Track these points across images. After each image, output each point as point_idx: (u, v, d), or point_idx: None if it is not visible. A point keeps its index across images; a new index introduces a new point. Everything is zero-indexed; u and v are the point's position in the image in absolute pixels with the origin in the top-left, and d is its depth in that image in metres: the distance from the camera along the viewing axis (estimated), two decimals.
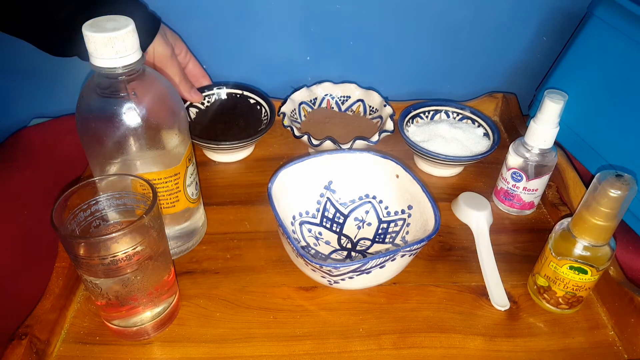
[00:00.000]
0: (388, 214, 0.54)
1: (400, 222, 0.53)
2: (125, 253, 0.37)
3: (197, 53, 0.69)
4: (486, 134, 0.65)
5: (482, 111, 0.69)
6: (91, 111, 0.41)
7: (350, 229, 0.55)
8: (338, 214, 0.55)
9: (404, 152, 0.66)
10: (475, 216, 0.56)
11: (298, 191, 0.53)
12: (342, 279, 0.44)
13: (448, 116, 0.68)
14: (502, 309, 0.48)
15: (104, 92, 0.40)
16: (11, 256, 0.50)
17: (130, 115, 0.40)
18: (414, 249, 0.43)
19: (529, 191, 0.56)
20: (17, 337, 0.40)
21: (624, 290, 0.46)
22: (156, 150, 0.43)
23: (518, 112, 0.72)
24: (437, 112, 0.69)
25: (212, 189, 0.61)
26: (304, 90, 0.68)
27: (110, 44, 0.37)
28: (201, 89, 0.67)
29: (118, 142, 0.41)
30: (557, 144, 0.57)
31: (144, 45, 0.53)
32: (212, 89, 0.68)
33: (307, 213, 0.54)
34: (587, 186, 0.54)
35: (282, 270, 0.51)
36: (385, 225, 0.54)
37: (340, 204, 0.56)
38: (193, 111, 0.67)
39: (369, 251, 0.53)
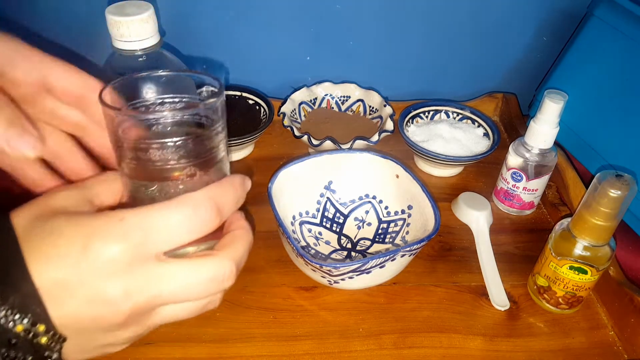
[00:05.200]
0: (388, 214, 0.54)
1: (400, 222, 0.53)
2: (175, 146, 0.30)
3: (196, 53, 0.69)
4: (486, 134, 0.65)
5: (482, 111, 0.69)
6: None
7: (350, 229, 0.55)
8: (338, 214, 0.55)
9: (404, 152, 0.66)
10: (475, 216, 0.56)
11: (298, 191, 0.53)
12: (342, 279, 0.44)
13: (448, 116, 0.68)
14: (502, 309, 0.48)
15: (123, 73, 0.41)
16: None
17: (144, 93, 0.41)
18: (414, 249, 0.43)
19: (529, 191, 0.56)
20: None
21: (624, 290, 0.46)
22: None
23: (518, 112, 0.72)
24: (437, 112, 0.69)
25: None
26: (304, 90, 0.68)
27: (131, 26, 0.40)
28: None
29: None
30: (557, 144, 0.57)
31: None
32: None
33: (307, 213, 0.54)
34: (587, 186, 0.54)
35: (282, 270, 0.51)
36: (385, 225, 0.54)
37: (340, 204, 0.56)
38: None
39: (369, 251, 0.53)
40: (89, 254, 0.25)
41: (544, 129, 0.52)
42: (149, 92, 0.36)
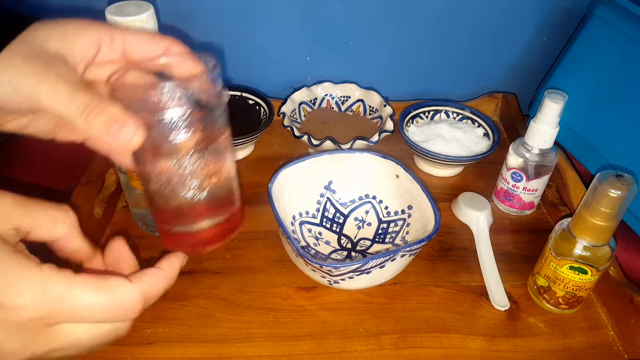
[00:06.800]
0: (388, 214, 0.54)
1: (400, 222, 0.53)
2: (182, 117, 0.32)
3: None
4: (486, 134, 0.65)
5: (482, 111, 0.69)
6: None
7: (350, 229, 0.55)
8: (338, 214, 0.55)
9: (404, 152, 0.66)
10: (475, 216, 0.56)
11: (298, 191, 0.53)
12: (342, 279, 0.44)
13: (448, 116, 0.68)
14: (502, 309, 0.48)
15: None
16: None
17: None
18: (414, 249, 0.43)
19: (529, 191, 0.56)
20: None
21: (624, 290, 0.46)
22: None
23: (518, 112, 0.72)
24: (437, 112, 0.69)
25: None
26: (304, 90, 0.68)
27: (131, 26, 0.39)
28: None
29: None
30: (557, 144, 0.57)
31: None
32: None
33: (307, 213, 0.54)
34: (587, 186, 0.54)
35: (282, 270, 0.51)
36: (385, 225, 0.54)
37: (340, 204, 0.56)
38: None
39: (369, 251, 0.53)
40: (9, 316, 0.25)
41: (544, 129, 0.52)
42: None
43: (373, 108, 0.67)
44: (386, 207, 0.54)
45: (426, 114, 0.68)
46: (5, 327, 0.26)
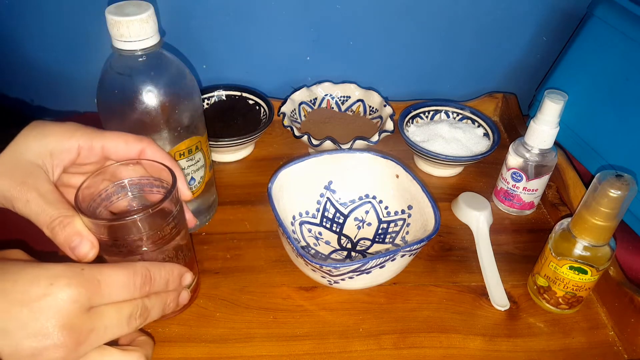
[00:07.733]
0: (388, 214, 0.54)
1: (400, 222, 0.53)
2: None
3: (197, 53, 0.69)
4: (486, 134, 0.65)
5: (482, 111, 0.69)
6: (112, 90, 0.43)
7: (350, 229, 0.55)
8: (338, 214, 0.55)
9: (404, 152, 0.66)
10: (475, 216, 0.56)
11: (298, 191, 0.53)
12: (342, 279, 0.44)
13: (448, 116, 0.68)
14: (502, 309, 0.48)
15: (123, 73, 0.43)
16: None
17: (145, 94, 0.43)
18: (414, 249, 0.43)
19: (529, 191, 0.56)
20: None
21: (624, 290, 0.46)
22: (156, 133, 0.45)
23: (518, 112, 0.72)
24: (437, 112, 0.69)
25: None
26: (304, 90, 0.68)
27: (131, 26, 0.40)
28: (202, 91, 0.67)
29: (131, 119, 0.43)
30: (557, 144, 0.57)
31: None
32: (211, 92, 0.68)
33: (307, 213, 0.54)
34: (587, 186, 0.54)
35: (282, 270, 0.51)
36: (385, 225, 0.54)
37: (340, 204, 0.56)
38: None
39: (369, 251, 0.53)
40: (51, 291, 0.29)
41: (544, 129, 0.52)
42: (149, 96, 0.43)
43: (373, 108, 0.67)
44: (386, 207, 0.54)
45: (426, 114, 0.68)
46: None
